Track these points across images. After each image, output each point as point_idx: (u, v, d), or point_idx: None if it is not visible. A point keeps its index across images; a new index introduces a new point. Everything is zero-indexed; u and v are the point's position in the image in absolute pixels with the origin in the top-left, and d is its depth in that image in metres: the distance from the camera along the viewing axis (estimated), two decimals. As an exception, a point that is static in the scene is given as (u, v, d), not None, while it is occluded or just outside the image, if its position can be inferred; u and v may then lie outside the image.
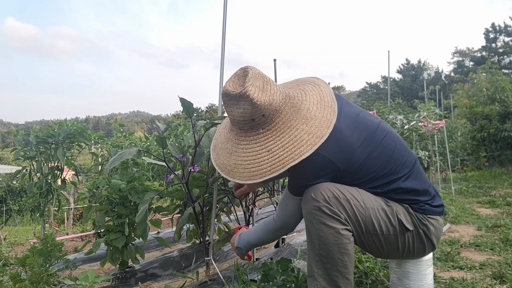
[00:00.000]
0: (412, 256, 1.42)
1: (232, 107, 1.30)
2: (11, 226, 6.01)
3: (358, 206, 1.30)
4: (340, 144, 1.30)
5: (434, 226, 1.39)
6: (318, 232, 1.28)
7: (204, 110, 40.78)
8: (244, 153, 1.34)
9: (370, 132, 1.36)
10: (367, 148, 1.34)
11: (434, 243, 1.40)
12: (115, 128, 4.40)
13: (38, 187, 2.97)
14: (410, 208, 1.37)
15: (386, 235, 1.34)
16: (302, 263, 2.24)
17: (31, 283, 1.81)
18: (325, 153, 1.28)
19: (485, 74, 12.16)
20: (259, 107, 1.26)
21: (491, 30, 31.00)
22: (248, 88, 1.25)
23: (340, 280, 1.28)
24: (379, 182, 1.36)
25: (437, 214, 1.40)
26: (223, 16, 2.07)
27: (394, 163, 1.37)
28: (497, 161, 12.18)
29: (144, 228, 1.88)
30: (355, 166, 1.33)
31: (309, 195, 1.31)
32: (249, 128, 1.32)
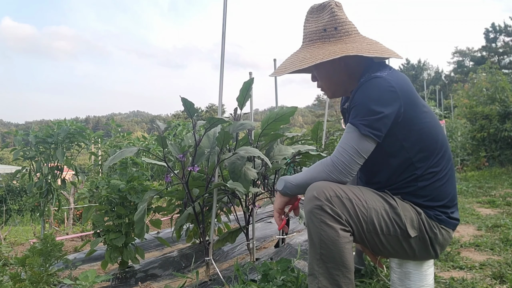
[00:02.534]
0: (414, 259, 1.42)
1: (311, 20, 1.45)
2: (11, 226, 6.00)
3: (360, 205, 1.30)
4: (408, 88, 1.36)
5: (444, 237, 1.38)
6: (319, 231, 1.28)
7: (204, 110, 40.80)
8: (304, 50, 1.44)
9: (432, 113, 1.43)
10: (428, 116, 1.39)
11: (438, 252, 1.40)
12: (113, 128, 4.40)
13: (38, 187, 2.96)
14: (424, 214, 1.36)
15: (387, 235, 1.34)
16: (302, 263, 2.24)
17: (31, 283, 1.81)
18: (393, 83, 1.31)
19: (485, 74, 12.15)
20: (335, 19, 1.40)
21: (491, 30, 31.00)
22: (332, 2, 1.43)
23: (341, 279, 1.28)
24: (419, 166, 1.37)
25: (450, 227, 1.40)
26: (223, 16, 2.06)
27: (442, 153, 1.40)
28: (497, 161, 12.18)
29: (142, 227, 1.87)
30: (414, 119, 1.34)
31: (312, 194, 1.30)
32: (318, 38, 1.41)
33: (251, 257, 2.34)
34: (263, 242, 3.38)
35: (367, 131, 1.28)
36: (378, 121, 1.28)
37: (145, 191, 2.34)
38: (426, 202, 1.38)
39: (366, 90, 1.32)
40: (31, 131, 2.97)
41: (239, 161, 1.99)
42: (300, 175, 1.43)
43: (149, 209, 2.36)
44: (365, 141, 1.29)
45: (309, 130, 3.38)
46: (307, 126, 35.00)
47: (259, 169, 2.26)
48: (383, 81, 1.32)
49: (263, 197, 2.59)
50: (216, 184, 1.94)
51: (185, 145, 2.12)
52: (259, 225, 3.87)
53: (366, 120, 1.29)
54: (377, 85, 1.31)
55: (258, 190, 2.26)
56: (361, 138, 1.29)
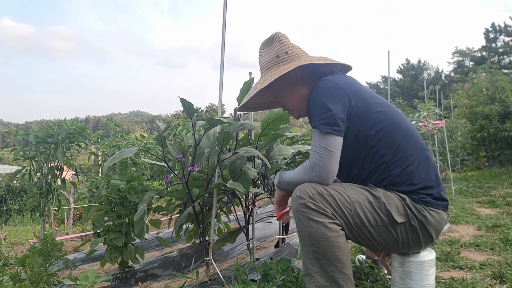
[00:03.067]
0: (408, 249, 1.42)
1: (263, 53, 1.60)
2: (11, 226, 6.01)
3: (342, 200, 1.33)
4: (354, 84, 1.47)
5: (435, 218, 1.39)
6: (307, 228, 1.30)
7: (204, 110, 40.80)
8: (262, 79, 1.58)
9: (387, 103, 1.53)
10: (382, 105, 1.48)
11: (432, 235, 1.40)
12: (112, 128, 4.40)
13: (38, 187, 2.96)
14: (408, 199, 1.38)
15: (375, 226, 1.35)
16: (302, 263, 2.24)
17: (31, 283, 1.81)
18: (338, 82, 1.43)
19: (485, 74, 12.15)
20: (285, 45, 1.55)
21: (491, 30, 30.98)
22: (278, 33, 1.60)
23: (337, 275, 1.28)
24: (384, 153, 1.42)
25: (439, 208, 1.41)
26: (223, 16, 2.06)
27: (407, 139, 1.45)
28: (497, 161, 12.18)
29: (142, 227, 1.87)
30: (367, 110, 1.43)
31: (295, 195, 1.35)
32: (273, 64, 1.54)
33: (251, 257, 2.34)
34: (263, 242, 3.38)
35: (327, 129, 1.35)
36: (333, 117, 1.36)
37: (145, 191, 2.34)
38: (407, 187, 1.40)
39: (315, 94, 1.43)
40: (31, 131, 2.97)
41: (239, 161, 1.99)
42: (291, 173, 1.49)
43: (149, 209, 2.36)
44: (328, 138, 1.35)
45: (309, 130, 3.38)
46: (307, 126, 35.01)
47: (259, 169, 2.26)
48: (328, 82, 1.44)
49: (263, 197, 2.59)
50: (216, 184, 1.94)
51: (184, 145, 2.12)
52: (259, 225, 3.87)
53: (322, 119, 1.36)
54: (324, 86, 1.43)
55: (258, 190, 2.26)
56: (324, 137, 1.36)
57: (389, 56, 5.67)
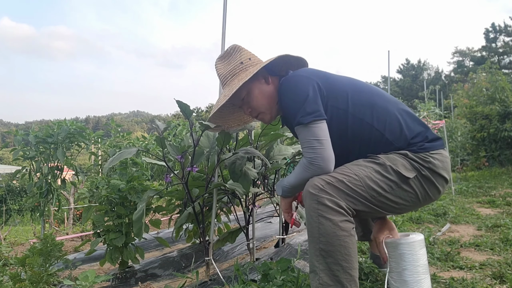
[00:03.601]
0: (430, 199, 1.45)
1: (224, 64, 1.61)
2: (11, 226, 6.01)
3: (351, 180, 1.35)
4: (314, 70, 1.53)
5: (439, 160, 1.42)
6: (317, 225, 1.30)
7: (204, 110, 40.79)
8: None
9: (346, 77, 1.59)
10: (343, 78, 1.54)
11: (445, 176, 1.44)
12: (113, 128, 4.40)
13: (38, 187, 2.96)
14: (410, 153, 1.41)
15: (391, 191, 1.38)
16: (302, 263, 2.24)
17: (31, 283, 1.81)
18: (299, 73, 1.49)
19: (485, 74, 12.15)
20: (246, 53, 1.59)
21: (491, 30, 30.98)
22: (235, 45, 1.62)
23: (342, 275, 1.28)
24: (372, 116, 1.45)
25: (439, 148, 1.45)
26: (223, 16, 2.06)
27: (381, 98, 1.50)
28: (497, 161, 12.18)
29: (140, 227, 1.87)
30: (334, 86, 1.47)
31: (307, 190, 1.35)
32: (239, 70, 1.56)
33: (251, 257, 2.34)
34: (263, 242, 3.38)
35: (309, 119, 1.37)
36: (308, 105, 1.38)
37: (145, 191, 2.34)
38: (402, 142, 1.44)
39: (284, 93, 1.48)
40: (31, 131, 2.97)
41: (239, 161, 1.99)
42: (291, 178, 1.51)
43: (148, 209, 2.36)
44: (314, 127, 1.37)
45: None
46: (307, 126, 34.75)
47: (259, 169, 2.26)
48: (289, 78, 1.50)
49: (263, 197, 2.59)
50: (216, 184, 1.94)
51: (184, 146, 2.12)
52: (259, 225, 3.87)
53: (301, 112, 1.38)
54: (287, 83, 1.48)
55: (258, 190, 2.26)
56: (310, 128, 1.38)
57: (389, 56, 5.67)
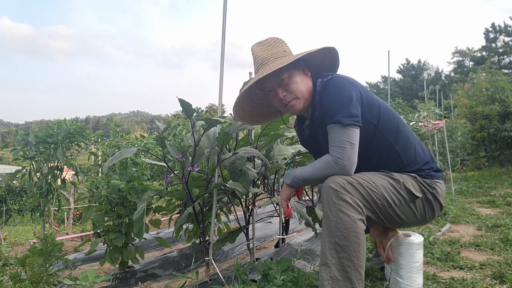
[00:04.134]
0: (425, 221, 1.62)
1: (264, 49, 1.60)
2: (11, 226, 6.00)
3: (370, 186, 1.44)
4: (355, 79, 1.58)
5: (441, 189, 1.60)
6: (336, 219, 1.36)
7: (204, 110, 40.79)
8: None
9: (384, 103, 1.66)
10: (383, 104, 1.61)
11: (441, 203, 1.62)
12: (112, 128, 4.39)
13: (38, 187, 2.96)
14: (419, 177, 1.56)
15: (399, 205, 1.50)
16: (302, 263, 2.24)
17: (31, 283, 1.81)
18: (344, 77, 1.55)
19: (485, 74, 12.15)
20: (287, 46, 1.62)
21: (491, 30, 30.97)
22: (277, 37, 1.65)
23: (352, 272, 1.33)
24: (394, 138, 1.56)
25: (440, 178, 1.62)
26: (223, 16, 2.06)
27: (402, 123, 1.62)
28: (497, 161, 12.17)
29: (140, 227, 1.87)
30: (371, 101, 1.54)
31: (328, 185, 1.41)
32: (282, 56, 1.56)
33: (251, 257, 2.33)
34: (263, 242, 3.38)
35: (348, 121, 1.43)
36: (352, 108, 1.45)
37: (145, 191, 2.34)
38: (413, 167, 1.58)
39: (329, 91, 1.51)
40: (31, 131, 2.97)
41: (239, 161, 1.99)
42: (306, 170, 1.54)
43: (149, 209, 2.36)
44: (350, 130, 1.44)
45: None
46: (307, 126, 34.73)
47: (259, 169, 2.26)
48: (336, 78, 1.54)
49: (263, 197, 2.59)
50: (216, 184, 1.94)
51: (184, 145, 2.12)
52: (259, 225, 3.87)
53: (342, 112, 1.44)
54: (334, 83, 1.52)
55: (258, 190, 2.26)
56: (346, 129, 1.44)
57: (389, 56, 5.67)
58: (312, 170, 1.51)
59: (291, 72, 1.56)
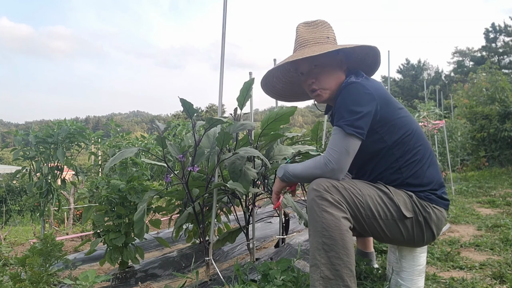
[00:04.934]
0: (412, 244, 1.53)
1: (309, 30, 1.61)
2: (11, 226, 6.00)
3: (355, 193, 1.42)
4: (382, 90, 1.52)
5: (437, 216, 1.49)
6: (321, 219, 1.35)
7: (204, 110, 40.78)
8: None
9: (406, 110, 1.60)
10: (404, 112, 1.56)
11: (434, 232, 1.51)
12: (112, 128, 4.39)
13: (38, 187, 2.96)
14: (415, 196, 1.49)
15: (385, 219, 1.45)
16: (302, 263, 2.24)
17: (31, 283, 1.81)
18: (368, 87, 1.48)
19: (485, 74, 12.15)
20: (333, 33, 1.62)
21: (491, 30, 30.96)
22: (326, 21, 1.64)
23: (343, 269, 1.32)
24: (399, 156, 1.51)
25: (442, 206, 1.52)
26: (223, 16, 2.06)
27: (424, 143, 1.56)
28: (497, 161, 12.18)
29: (141, 227, 1.87)
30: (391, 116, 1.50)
31: (311, 187, 1.41)
32: (322, 41, 1.57)
33: (251, 257, 2.34)
34: (263, 242, 3.38)
35: (351, 130, 1.41)
36: (359, 120, 1.42)
37: (145, 191, 2.34)
38: (416, 188, 1.51)
39: (346, 95, 1.48)
40: (31, 131, 2.97)
41: (239, 161, 1.99)
42: (298, 167, 1.54)
43: (149, 209, 2.36)
44: (350, 139, 1.42)
45: (309, 130, 3.37)
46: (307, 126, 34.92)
47: (259, 169, 2.26)
48: (359, 85, 1.49)
49: (263, 197, 2.59)
50: (216, 184, 1.94)
51: (184, 145, 2.12)
52: (259, 225, 3.87)
53: (348, 120, 1.42)
54: (354, 89, 1.48)
55: (258, 190, 2.26)
56: (347, 137, 1.42)
57: (389, 56, 5.66)
58: (303, 168, 1.52)
59: (325, 61, 1.55)
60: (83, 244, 2.52)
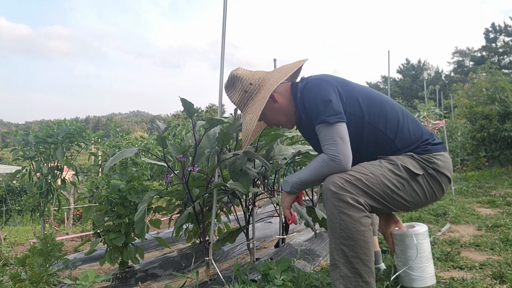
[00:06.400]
0: (436, 197, 1.57)
1: (231, 94, 1.70)
2: (11, 226, 6.00)
3: (369, 178, 1.43)
4: (332, 76, 1.61)
5: (442, 161, 1.54)
6: (338, 221, 1.38)
7: (204, 110, 40.77)
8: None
9: (361, 85, 1.66)
10: (360, 87, 1.63)
11: (448, 175, 1.56)
12: (112, 128, 4.39)
13: (38, 187, 2.96)
14: (415, 155, 1.53)
15: (403, 189, 1.48)
16: (302, 263, 2.24)
17: (31, 283, 1.81)
18: (320, 77, 1.58)
19: (485, 74, 12.15)
20: (245, 79, 1.66)
21: (491, 30, 30.98)
22: (232, 72, 1.70)
23: (361, 267, 1.35)
24: (384, 125, 1.55)
25: (441, 150, 1.57)
26: (223, 16, 2.06)
27: (391, 108, 1.59)
28: (497, 161, 12.17)
29: (142, 227, 1.87)
30: (352, 93, 1.56)
31: (327, 187, 1.43)
32: (246, 99, 1.66)
33: (251, 257, 2.34)
34: (263, 242, 3.38)
35: (334, 119, 1.46)
36: (334, 106, 1.47)
37: (145, 191, 2.34)
38: (409, 147, 1.55)
39: (309, 94, 1.55)
40: (31, 131, 2.97)
41: (239, 161, 1.99)
42: (304, 173, 1.55)
43: (149, 209, 2.36)
44: (337, 127, 1.46)
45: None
46: (307, 126, 34.67)
47: (259, 169, 2.26)
48: (313, 81, 1.57)
49: (263, 197, 2.59)
50: (216, 184, 1.94)
51: (185, 145, 2.12)
52: (259, 225, 3.87)
53: (326, 112, 1.47)
54: (313, 85, 1.56)
55: (258, 190, 2.26)
56: (333, 127, 1.46)
57: (389, 56, 5.66)
58: (310, 172, 1.52)
59: (265, 111, 1.63)
60: (83, 244, 2.51)
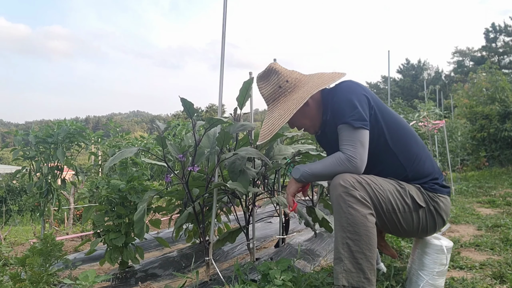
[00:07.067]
0: (426, 233, 1.62)
1: (263, 86, 1.69)
2: (11, 226, 6.00)
3: (377, 189, 1.47)
4: (366, 87, 1.60)
5: (444, 203, 1.59)
6: (346, 215, 1.41)
7: (204, 110, 40.78)
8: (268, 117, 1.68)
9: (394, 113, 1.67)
10: (390, 110, 1.64)
11: (444, 218, 1.61)
12: (112, 128, 4.39)
13: (38, 187, 2.96)
14: (422, 188, 1.58)
15: (403, 213, 1.52)
16: (302, 263, 2.24)
17: (31, 283, 1.81)
18: (355, 82, 1.59)
19: (485, 74, 12.15)
20: (282, 75, 1.64)
21: (491, 30, 30.97)
22: (271, 64, 1.67)
23: (364, 263, 1.38)
24: (402, 152, 1.58)
25: (445, 194, 1.61)
26: (223, 16, 2.06)
27: (413, 138, 1.63)
28: (497, 161, 12.18)
29: (142, 227, 1.87)
30: (382, 111, 1.57)
31: (338, 182, 1.45)
32: (279, 95, 1.65)
33: (251, 257, 2.33)
34: (263, 242, 3.38)
35: (358, 124, 1.48)
36: (361, 112, 1.49)
37: (145, 191, 2.34)
38: (420, 180, 1.60)
39: (341, 93, 1.56)
40: (31, 131, 2.97)
41: (239, 161, 1.99)
42: (317, 165, 1.58)
43: (149, 209, 2.36)
44: (361, 132, 1.49)
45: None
46: (307, 126, 34.65)
47: (259, 169, 2.26)
48: (350, 83, 1.59)
49: (263, 197, 2.59)
50: (216, 184, 1.94)
51: (185, 145, 2.12)
52: (259, 225, 3.87)
53: (353, 115, 1.49)
54: (348, 86, 1.57)
55: (258, 190, 2.26)
56: (357, 131, 1.48)
57: (389, 56, 5.67)
58: (323, 166, 1.55)
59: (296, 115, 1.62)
60: (83, 244, 2.51)
